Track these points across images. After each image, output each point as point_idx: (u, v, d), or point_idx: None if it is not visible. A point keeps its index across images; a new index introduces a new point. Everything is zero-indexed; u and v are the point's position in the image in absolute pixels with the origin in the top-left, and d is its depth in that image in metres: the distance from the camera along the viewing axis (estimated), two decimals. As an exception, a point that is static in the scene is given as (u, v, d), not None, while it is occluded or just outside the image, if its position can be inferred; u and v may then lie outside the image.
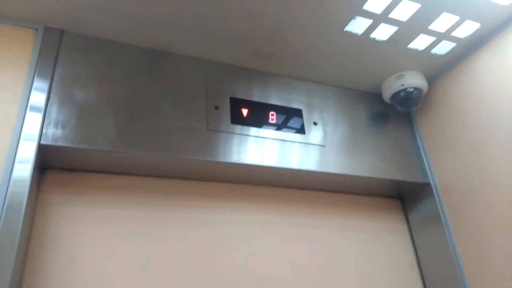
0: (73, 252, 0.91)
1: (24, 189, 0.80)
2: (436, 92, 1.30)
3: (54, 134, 0.87)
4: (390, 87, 1.25)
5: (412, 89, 1.23)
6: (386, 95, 1.27)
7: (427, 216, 1.27)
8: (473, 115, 1.16)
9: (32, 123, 0.86)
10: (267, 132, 1.11)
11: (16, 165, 0.82)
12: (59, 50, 0.97)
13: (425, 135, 1.33)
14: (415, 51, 1.17)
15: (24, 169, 0.82)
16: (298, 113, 1.19)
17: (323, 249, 1.19)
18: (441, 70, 1.27)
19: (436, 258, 1.22)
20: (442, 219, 1.21)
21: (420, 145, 1.33)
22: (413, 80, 1.22)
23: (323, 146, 1.17)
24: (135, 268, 0.95)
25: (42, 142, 0.85)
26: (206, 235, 1.06)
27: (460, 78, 1.22)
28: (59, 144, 0.87)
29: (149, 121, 0.98)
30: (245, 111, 1.11)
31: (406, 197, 1.38)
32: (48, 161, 0.94)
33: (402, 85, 1.22)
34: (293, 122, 1.17)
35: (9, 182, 0.80)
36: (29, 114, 0.87)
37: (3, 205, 0.78)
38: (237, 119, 1.09)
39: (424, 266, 1.28)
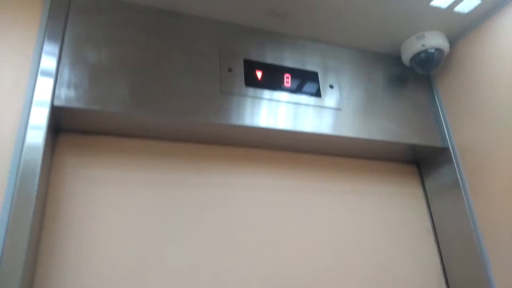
0: (89, 213, 0.92)
1: (38, 151, 0.80)
2: (458, 53, 1.25)
3: (66, 96, 0.86)
4: (410, 48, 1.20)
5: (433, 50, 1.18)
6: (406, 57, 1.23)
7: (445, 182, 1.25)
8: (495, 78, 1.12)
9: (44, 84, 0.85)
10: (282, 95, 1.09)
11: (30, 127, 0.81)
12: (69, 10, 0.95)
13: (444, 98, 1.28)
14: (437, 9, 1.11)
15: (38, 130, 0.82)
16: (313, 75, 1.15)
17: (337, 213, 1.18)
18: (463, 30, 1.21)
19: (452, 224, 1.21)
20: (460, 185, 1.19)
21: (439, 109, 1.29)
22: (435, 40, 1.17)
23: (339, 109, 1.14)
24: (149, 229, 0.96)
25: (55, 103, 0.85)
26: (219, 198, 1.06)
27: (483, 39, 1.17)
28: (72, 105, 0.86)
29: (161, 83, 0.97)
30: (259, 74, 1.09)
31: (422, 162, 1.36)
32: (61, 124, 0.94)
33: (423, 45, 1.17)
34: (309, 85, 1.13)
35: (23, 144, 0.80)
36: (41, 75, 0.86)
37: (18, 166, 0.78)
38: (251, 82, 1.06)
39: (439, 231, 1.27)
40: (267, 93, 1.07)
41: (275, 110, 1.07)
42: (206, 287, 0.96)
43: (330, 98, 1.14)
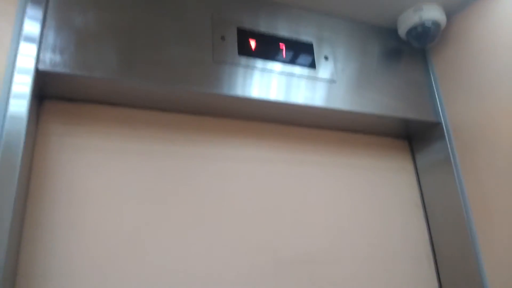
0: (75, 182, 0.89)
1: (22, 120, 0.77)
2: (454, 27, 1.23)
3: (51, 60, 0.82)
4: (407, 21, 1.17)
5: (430, 23, 1.15)
6: (402, 30, 1.20)
7: (436, 157, 1.25)
8: (492, 54, 1.10)
9: (28, 48, 0.81)
10: (276, 65, 1.06)
11: (13, 94, 0.77)
12: (54, -30, 0.90)
13: (439, 73, 1.27)
14: (436, -20, 1.08)
15: (21, 99, 0.78)
16: (308, 46, 1.12)
17: (328, 187, 1.18)
18: (461, 3, 1.18)
19: (442, 200, 1.22)
20: (452, 160, 1.19)
21: (433, 84, 1.27)
22: (432, 13, 1.15)
23: (333, 81, 1.12)
24: (135, 200, 0.94)
25: (40, 68, 0.81)
26: (209, 170, 1.04)
27: (480, 13, 1.15)
28: (58, 70, 0.82)
29: (151, 50, 0.93)
30: (253, 43, 1.05)
31: (414, 137, 1.35)
32: (46, 90, 0.90)
33: (420, 18, 1.14)
34: (303, 56, 1.11)
35: (5, 112, 0.76)
36: (24, 39, 0.81)
37: (1, 135, 0.75)
38: (244, 51, 1.03)
39: (428, 206, 1.28)
40: (260, 63, 1.04)
41: (268, 81, 1.04)
42: (195, 258, 0.95)
43: (325, 70, 1.12)
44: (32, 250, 0.82)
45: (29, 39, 0.82)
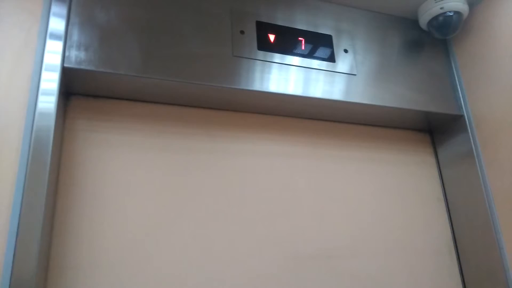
0: (101, 177, 0.92)
1: (51, 116, 0.79)
2: (477, 17, 1.20)
3: (77, 57, 0.85)
4: (428, 11, 1.15)
5: (452, 13, 1.13)
6: (423, 20, 1.19)
7: (458, 150, 1.23)
8: (515, 43, 1.08)
9: (54, 46, 0.84)
10: (295, 59, 1.06)
11: (41, 91, 0.80)
12: (77, -31, 0.92)
13: (461, 65, 1.25)
14: (458, -31, 1.06)
15: (49, 91, 0.81)
16: (328, 39, 1.12)
17: (349, 181, 1.18)
18: (484, -8, 1.16)
19: (464, 193, 1.20)
20: (474, 154, 1.17)
21: (455, 75, 1.25)
22: (454, 3, 1.12)
23: (353, 75, 1.11)
24: (159, 194, 0.96)
25: (66, 64, 0.83)
26: (230, 164, 1.05)
27: (504, 3, 1.12)
28: (83, 67, 0.84)
29: (172, 45, 0.94)
30: (272, 37, 1.06)
31: (436, 130, 1.33)
32: (72, 86, 0.93)
33: (442, 8, 1.13)
34: (323, 49, 1.10)
35: (35, 109, 0.79)
36: (50, 36, 0.84)
37: (31, 132, 0.77)
38: (264, 45, 1.04)
39: (451, 200, 1.26)
40: (280, 57, 1.05)
41: (289, 75, 1.04)
42: (216, 252, 0.96)
43: (344, 63, 1.12)
44: (63, 241, 0.85)
45: (55, 36, 0.85)
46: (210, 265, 0.95)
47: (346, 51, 1.13)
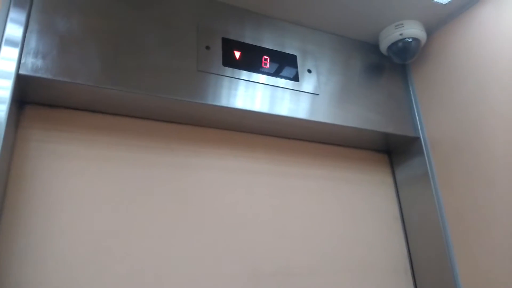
0: (53, 188, 0.88)
1: (1, 121, 0.75)
2: (434, 44, 1.26)
3: (33, 64, 0.81)
4: (388, 37, 1.20)
5: (410, 40, 1.19)
6: (384, 45, 1.23)
7: (414, 171, 1.28)
8: (469, 70, 1.14)
9: (9, 52, 0.80)
10: (260, 76, 1.07)
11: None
12: (38, -26, 0.89)
13: (418, 89, 1.30)
14: (417, -2, 1.12)
15: (1, 100, 0.76)
16: (292, 59, 1.14)
17: (308, 198, 1.19)
18: (441, 20, 1.23)
19: (420, 213, 1.24)
20: (430, 174, 1.21)
21: (412, 99, 1.31)
22: (413, 29, 1.18)
23: (316, 94, 1.13)
24: (115, 209, 0.93)
25: (21, 71, 0.79)
26: (190, 179, 1.04)
27: (459, 31, 1.18)
28: (39, 75, 0.81)
29: (135, 57, 0.93)
30: (237, 54, 1.06)
31: (394, 151, 1.38)
32: (27, 95, 0.89)
33: (401, 34, 1.18)
34: (287, 68, 1.12)
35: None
36: (6, 43, 0.80)
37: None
38: (229, 61, 1.04)
39: (407, 218, 1.30)
40: (244, 74, 1.05)
41: (252, 92, 1.05)
42: (174, 268, 0.94)
43: (308, 83, 1.14)
44: (7, 256, 0.80)
45: (10, 42, 0.81)
46: (166, 282, 0.92)
47: (309, 71, 1.15)
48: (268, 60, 1.10)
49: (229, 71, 1.03)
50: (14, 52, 0.80)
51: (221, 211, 1.04)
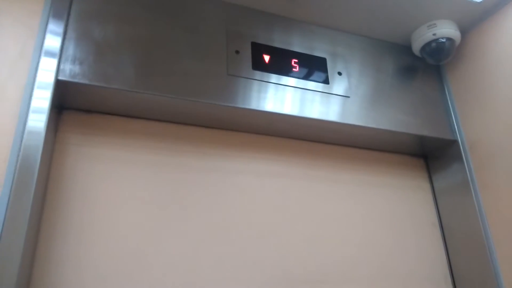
0: (90, 191, 0.91)
1: (40, 131, 0.79)
2: (469, 43, 1.22)
3: (71, 70, 0.85)
4: (421, 37, 1.18)
5: (444, 40, 1.15)
6: (416, 46, 1.21)
7: (453, 175, 1.23)
8: (507, 69, 1.09)
9: (49, 57, 0.84)
10: (289, 80, 1.07)
11: (35, 98, 0.80)
12: (76, -15, 0.94)
13: (454, 90, 1.26)
14: (450, -4, 1.09)
15: (40, 109, 0.80)
16: (322, 62, 1.13)
17: (342, 204, 1.16)
18: (475, 19, 1.19)
19: (460, 219, 1.19)
20: (469, 179, 1.16)
21: (448, 100, 1.27)
22: (446, 29, 1.15)
23: (347, 97, 1.12)
24: (149, 212, 0.94)
25: (60, 77, 0.83)
26: (221, 183, 1.04)
27: (495, 29, 1.14)
28: (77, 80, 0.85)
29: (167, 62, 0.95)
30: (267, 57, 1.07)
31: (430, 155, 1.34)
32: (66, 101, 0.93)
33: (434, 34, 1.15)
34: (317, 71, 1.12)
35: (27, 115, 0.78)
36: (46, 49, 0.85)
37: (22, 139, 0.77)
38: (258, 65, 1.05)
39: (446, 226, 1.25)
40: (274, 78, 1.05)
41: (282, 95, 1.05)
42: (205, 272, 0.94)
43: (338, 85, 1.12)
44: (47, 258, 0.82)
45: (49, 53, 0.85)
46: (198, 286, 0.92)
47: (340, 73, 1.14)
48: (298, 63, 1.10)
49: (258, 74, 1.04)
50: (53, 62, 0.84)
51: (251, 215, 1.04)
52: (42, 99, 0.81)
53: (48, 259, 0.82)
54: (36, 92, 0.81)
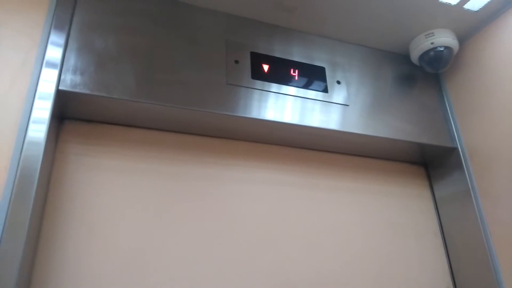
0: (91, 200, 0.91)
1: (40, 141, 0.79)
2: (467, 52, 1.23)
3: (72, 80, 0.86)
4: (419, 46, 1.19)
5: (442, 48, 1.16)
6: (414, 55, 1.22)
7: (453, 183, 1.23)
8: (506, 76, 1.10)
9: (51, 68, 0.85)
10: (289, 89, 1.08)
11: (35, 108, 0.81)
12: (78, -4, 0.95)
13: (453, 98, 1.27)
14: (446, 6, 1.10)
15: (41, 120, 0.81)
16: (321, 71, 1.14)
17: (342, 212, 1.16)
18: (473, 28, 1.20)
19: (461, 227, 1.18)
20: (469, 186, 1.16)
21: (448, 108, 1.27)
22: (444, 38, 1.16)
23: (346, 105, 1.13)
24: (149, 221, 0.94)
25: (61, 87, 0.84)
26: (221, 192, 1.04)
27: (493, 37, 1.15)
28: (78, 90, 0.85)
29: (167, 72, 0.96)
30: (266, 67, 1.08)
31: (430, 163, 1.34)
32: (67, 111, 0.93)
33: (432, 43, 1.16)
34: (316, 80, 1.12)
35: (28, 125, 0.79)
36: (48, 59, 0.86)
37: (22, 149, 0.77)
38: (258, 75, 1.06)
39: (448, 234, 1.24)
40: (274, 87, 1.06)
41: (282, 104, 1.06)
42: (204, 280, 0.94)
43: (338, 94, 1.13)
44: (46, 268, 0.82)
45: (51, 64, 0.86)
46: (198, 295, 0.92)
47: (339, 82, 1.15)
48: (297, 72, 1.11)
49: (258, 83, 1.05)
50: (54, 72, 0.85)
51: (250, 223, 1.04)
52: (42, 110, 0.82)
53: (47, 269, 0.82)
54: (37, 103, 0.82)
